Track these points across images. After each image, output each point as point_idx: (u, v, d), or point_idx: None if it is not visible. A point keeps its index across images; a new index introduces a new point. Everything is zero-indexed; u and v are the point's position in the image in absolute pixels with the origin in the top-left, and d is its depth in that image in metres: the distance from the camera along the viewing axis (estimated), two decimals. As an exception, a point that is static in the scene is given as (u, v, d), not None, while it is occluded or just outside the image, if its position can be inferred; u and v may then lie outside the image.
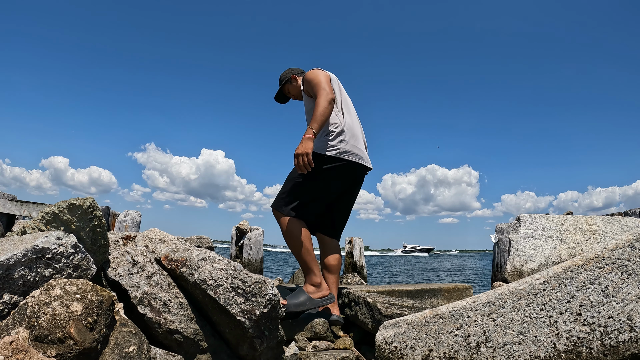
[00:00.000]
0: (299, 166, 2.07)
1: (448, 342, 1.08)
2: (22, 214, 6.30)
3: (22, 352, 0.97)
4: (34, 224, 1.38)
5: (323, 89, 2.22)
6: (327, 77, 2.31)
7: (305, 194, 2.24)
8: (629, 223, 2.22)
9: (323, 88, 2.23)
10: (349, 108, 2.43)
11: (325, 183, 2.24)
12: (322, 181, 2.23)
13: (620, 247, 0.96)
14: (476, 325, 1.05)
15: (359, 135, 2.37)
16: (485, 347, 1.02)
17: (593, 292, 0.96)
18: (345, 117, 2.34)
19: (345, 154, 2.23)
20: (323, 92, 2.20)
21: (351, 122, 2.35)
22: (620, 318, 0.91)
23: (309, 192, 2.24)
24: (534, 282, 1.02)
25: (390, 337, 1.17)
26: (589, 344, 0.92)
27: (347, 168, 2.25)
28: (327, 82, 2.26)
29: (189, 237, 3.06)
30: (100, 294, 1.18)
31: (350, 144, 2.26)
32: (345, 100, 2.43)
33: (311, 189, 2.24)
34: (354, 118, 2.41)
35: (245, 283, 1.47)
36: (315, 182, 2.22)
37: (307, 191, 2.24)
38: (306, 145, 2.06)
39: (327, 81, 2.27)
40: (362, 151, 2.32)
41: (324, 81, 2.26)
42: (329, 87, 2.23)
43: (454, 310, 1.10)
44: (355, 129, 2.35)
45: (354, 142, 2.28)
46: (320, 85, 2.26)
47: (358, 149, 2.29)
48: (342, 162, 2.23)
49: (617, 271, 0.95)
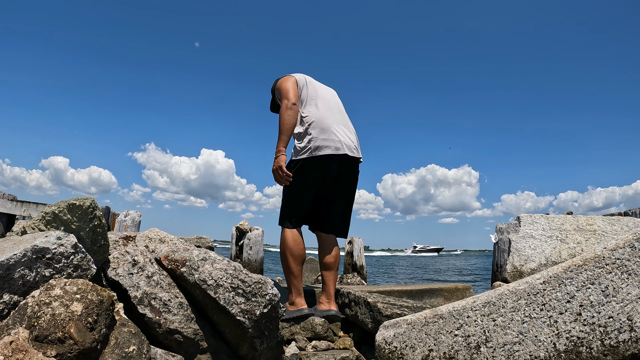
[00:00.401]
0: (279, 181, 2.29)
1: (448, 342, 1.08)
2: (22, 214, 6.30)
3: (22, 352, 0.97)
4: (34, 224, 1.38)
5: (284, 98, 2.33)
6: (291, 82, 2.39)
7: (292, 201, 2.35)
8: (629, 223, 2.22)
9: (284, 97, 2.33)
10: (321, 100, 2.42)
11: (303, 182, 2.30)
12: (301, 181, 2.29)
13: (620, 247, 0.96)
14: (476, 325, 1.05)
15: (331, 125, 2.34)
16: (485, 347, 1.02)
17: (593, 292, 0.96)
18: (312, 112, 2.34)
19: (317, 150, 2.26)
20: (283, 103, 2.31)
21: (320, 115, 2.34)
22: (620, 318, 0.91)
23: (294, 198, 2.34)
24: (534, 282, 1.02)
25: (390, 337, 1.17)
26: (589, 344, 0.92)
27: (318, 162, 2.27)
28: (290, 88, 2.34)
29: (189, 237, 3.06)
30: (100, 294, 1.18)
31: (320, 138, 2.27)
32: (315, 94, 2.43)
33: (295, 194, 2.34)
34: (325, 109, 2.39)
35: (245, 283, 1.47)
36: (296, 186, 2.30)
37: (293, 197, 2.35)
38: (277, 161, 2.25)
39: (290, 87, 2.35)
40: (337, 141, 2.30)
41: (285, 89, 2.35)
42: (291, 93, 2.32)
43: (454, 310, 1.10)
44: (324, 120, 2.33)
45: (324, 135, 2.28)
46: (282, 94, 2.36)
47: (330, 141, 2.28)
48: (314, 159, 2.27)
49: (617, 271, 0.95)
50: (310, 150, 2.27)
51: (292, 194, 2.35)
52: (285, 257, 2.29)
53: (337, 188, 2.39)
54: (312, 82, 2.50)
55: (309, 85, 2.46)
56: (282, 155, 2.26)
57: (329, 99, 2.47)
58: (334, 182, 2.36)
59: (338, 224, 2.45)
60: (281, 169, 2.23)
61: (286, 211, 2.36)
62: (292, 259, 2.27)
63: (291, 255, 2.27)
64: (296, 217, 2.33)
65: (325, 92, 2.50)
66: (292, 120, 2.27)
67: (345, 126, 2.42)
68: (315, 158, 2.27)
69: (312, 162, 2.27)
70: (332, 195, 2.40)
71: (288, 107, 2.28)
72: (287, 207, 2.36)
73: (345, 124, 2.44)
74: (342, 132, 2.36)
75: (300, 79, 2.46)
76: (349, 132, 2.41)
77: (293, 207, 2.34)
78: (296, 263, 2.28)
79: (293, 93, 2.33)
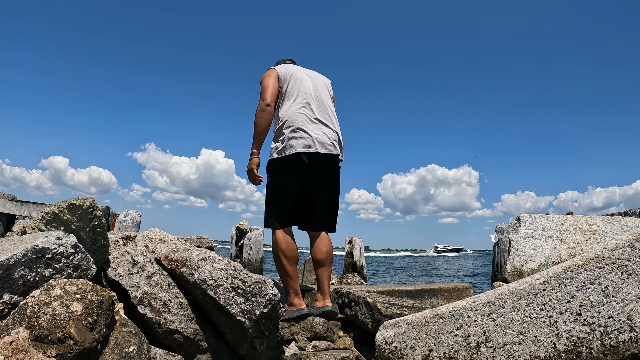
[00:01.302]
0: (253, 182, 2.37)
1: (448, 342, 1.08)
2: (22, 214, 6.30)
3: (22, 352, 0.97)
4: (34, 224, 1.38)
5: (261, 97, 2.33)
6: (272, 78, 2.37)
7: (274, 202, 2.34)
8: (629, 223, 2.22)
9: (261, 95, 2.33)
10: (301, 95, 2.37)
11: (281, 182, 2.32)
12: (279, 181, 2.32)
13: (620, 247, 0.96)
14: (476, 325, 1.05)
15: (303, 122, 2.29)
16: (485, 347, 1.02)
17: (593, 292, 0.96)
18: (286, 110, 2.32)
19: (288, 149, 2.25)
20: (260, 102, 2.31)
21: (293, 112, 2.31)
22: (620, 318, 0.91)
23: (276, 198, 2.34)
24: (534, 282, 1.02)
25: (390, 337, 1.17)
26: (589, 344, 0.92)
27: (291, 161, 2.26)
28: (269, 86, 2.33)
29: (189, 237, 3.06)
30: (100, 294, 1.18)
31: (291, 137, 2.26)
32: (296, 88, 2.38)
33: (275, 194, 2.34)
34: (301, 105, 2.34)
35: (245, 283, 1.47)
36: (275, 186, 2.34)
37: (274, 198, 2.34)
38: (249, 164, 2.33)
39: (270, 84, 2.33)
40: (308, 138, 2.26)
41: (264, 87, 2.34)
42: (268, 92, 2.31)
43: (454, 310, 1.10)
44: (297, 117, 2.30)
45: (296, 134, 2.26)
46: (261, 91, 2.35)
47: (301, 139, 2.25)
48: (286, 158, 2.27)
49: (617, 271, 0.95)
50: (283, 149, 2.28)
51: (272, 195, 2.35)
52: (279, 258, 2.27)
53: (316, 186, 2.36)
54: (296, 74, 2.43)
55: (292, 79, 2.40)
56: (254, 157, 2.31)
57: (309, 93, 2.40)
58: (312, 181, 2.33)
59: (325, 221, 2.43)
60: (253, 172, 2.31)
61: (270, 212, 2.35)
62: (285, 260, 2.26)
63: (284, 257, 2.26)
64: (281, 217, 2.31)
65: (307, 86, 2.42)
66: (264, 122, 2.28)
67: (323, 122, 2.36)
68: (287, 157, 2.27)
69: (285, 161, 2.28)
70: (313, 193, 2.37)
71: (261, 108, 2.28)
72: (269, 208, 2.36)
73: (325, 120, 2.38)
74: (315, 128, 2.31)
75: (283, 72, 2.41)
76: (325, 128, 2.35)
77: (275, 208, 2.33)
78: (290, 264, 2.26)
79: (270, 91, 2.31)
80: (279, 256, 2.28)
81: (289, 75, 2.41)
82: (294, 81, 2.41)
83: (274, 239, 2.31)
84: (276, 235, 2.30)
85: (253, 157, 2.31)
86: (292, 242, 2.30)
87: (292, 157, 2.26)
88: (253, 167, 2.30)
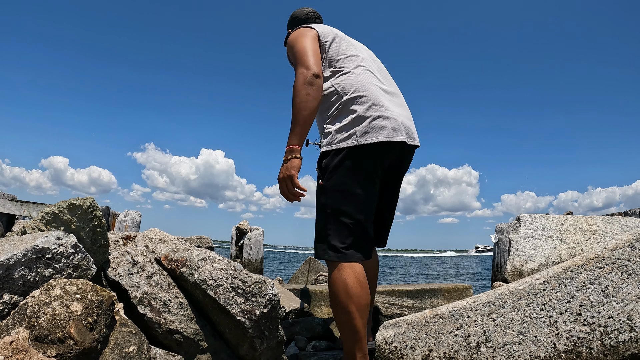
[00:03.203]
0: (287, 196, 1.47)
1: (448, 342, 1.08)
2: (22, 214, 6.30)
3: (22, 352, 0.97)
4: (34, 224, 1.38)
5: (300, 65, 1.52)
6: (310, 38, 1.60)
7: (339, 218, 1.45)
8: (629, 223, 2.22)
9: (299, 63, 1.53)
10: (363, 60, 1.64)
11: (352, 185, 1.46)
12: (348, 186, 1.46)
13: (620, 247, 0.96)
14: (476, 325, 1.05)
15: (382, 96, 1.53)
16: (485, 347, 1.02)
17: (593, 292, 0.96)
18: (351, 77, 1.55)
19: (368, 135, 1.45)
20: (299, 72, 1.51)
21: (365, 81, 1.54)
22: (620, 318, 0.91)
23: (342, 212, 1.45)
24: (534, 282, 1.02)
25: (390, 337, 1.17)
26: (589, 344, 0.92)
27: (370, 152, 1.46)
28: (308, 49, 1.55)
29: (189, 237, 3.06)
30: (100, 294, 1.18)
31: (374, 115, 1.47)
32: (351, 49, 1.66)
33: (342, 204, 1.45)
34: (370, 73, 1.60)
35: (245, 283, 1.47)
36: (341, 194, 1.46)
37: (341, 211, 1.45)
38: (287, 168, 1.44)
39: (309, 46, 1.56)
40: (394, 120, 1.49)
41: (301, 50, 1.56)
42: (310, 57, 1.52)
43: (454, 310, 1.10)
44: (372, 89, 1.53)
45: (376, 112, 1.47)
46: (297, 58, 1.56)
47: (386, 120, 1.47)
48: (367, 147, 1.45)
49: (617, 271, 0.95)
50: (356, 135, 1.45)
51: (336, 206, 1.46)
52: (347, 308, 1.37)
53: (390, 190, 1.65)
54: (338, 36, 1.69)
55: (340, 39, 1.67)
56: (295, 158, 1.44)
57: (368, 58, 1.68)
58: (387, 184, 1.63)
59: (386, 237, 1.73)
60: (292, 180, 1.44)
61: (330, 235, 1.45)
62: (356, 310, 1.36)
63: (355, 306, 1.36)
64: (358, 241, 1.44)
65: (361, 48, 1.72)
66: (312, 102, 1.45)
67: (398, 98, 1.63)
68: (370, 147, 1.45)
69: (361, 152, 1.45)
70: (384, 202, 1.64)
71: (306, 80, 1.47)
72: (328, 228, 1.46)
73: (397, 95, 1.65)
74: (395, 106, 1.55)
75: (324, 31, 1.66)
76: (402, 109, 1.60)
77: (343, 228, 1.44)
78: (362, 315, 1.37)
79: (313, 57, 1.53)
80: (346, 305, 1.37)
81: (333, 34, 1.67)
82: (346, 41, 1.68)
83: (338, 278, 1.40)
84: (344, 274, 1.39)
85: (293, 157, 1.44)
86: (366, 284, 1.40)
87: (377, 146, 1.46)
88: (293, 173, 1.43)
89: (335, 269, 1.42)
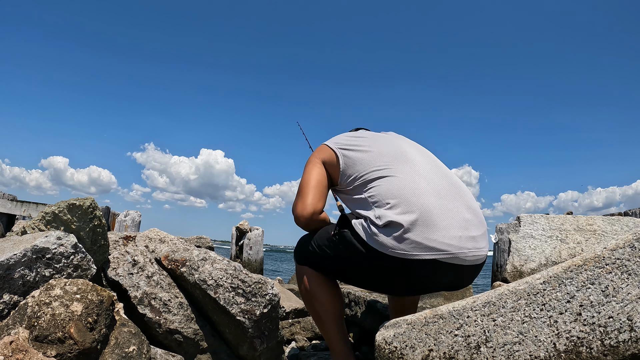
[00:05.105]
0: None
1: (448, 342, 1.07)
2: (22, 214, 6.30)
3: (22, 352, 0.97)
4: (34, 224, 1.38)
5: (297, 199, 1.38)
6: (317, 166, 1.40)
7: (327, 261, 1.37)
8: (629, 223, 2.22)
9: (299, 198, 1.37)
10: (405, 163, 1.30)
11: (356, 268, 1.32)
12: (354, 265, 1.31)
13: (620, 247, 0.96)
14: (476, 325, 1.05)
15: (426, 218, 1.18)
16: (485, 347, 1.02)
17: (593, 292, 0.96)
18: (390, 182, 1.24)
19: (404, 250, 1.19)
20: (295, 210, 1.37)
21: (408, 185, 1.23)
22: (620, 318, 0.91)
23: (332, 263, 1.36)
24: (534, 282, 1.02)
25: (390, 337, 1.17)
26: (589, 344, 0.92)
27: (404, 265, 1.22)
28: (311, 179, 1.37)
29: (189, 237, 3.06)
30: (100, 294, 1.18)
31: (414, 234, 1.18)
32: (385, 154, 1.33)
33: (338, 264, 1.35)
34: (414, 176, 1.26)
35: (245, 283, 1.47)
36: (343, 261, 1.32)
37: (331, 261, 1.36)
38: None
39: (314, 177, 1.37)
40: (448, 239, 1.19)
41: (305, 182, 1.37)
42: (309, 192, 1.35)
43: (454, 310, 1.10)
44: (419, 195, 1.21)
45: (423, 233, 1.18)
46: (300, 189, 1.39)
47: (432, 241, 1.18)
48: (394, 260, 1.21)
49: (617, 271, 0.95)
50: (390, 247, 1.18)
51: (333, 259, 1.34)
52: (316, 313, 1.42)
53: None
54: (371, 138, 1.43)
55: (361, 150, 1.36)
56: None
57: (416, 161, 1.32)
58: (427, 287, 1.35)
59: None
60: None
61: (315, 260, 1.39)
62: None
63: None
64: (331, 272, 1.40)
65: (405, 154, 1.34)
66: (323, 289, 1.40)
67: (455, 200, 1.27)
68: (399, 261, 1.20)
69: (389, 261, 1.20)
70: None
71: (303, 221, 1.36)
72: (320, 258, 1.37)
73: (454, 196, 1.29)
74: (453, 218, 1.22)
75: (337, 151, 1.38)
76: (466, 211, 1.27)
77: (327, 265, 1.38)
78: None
79: (315, 191, 1.35)
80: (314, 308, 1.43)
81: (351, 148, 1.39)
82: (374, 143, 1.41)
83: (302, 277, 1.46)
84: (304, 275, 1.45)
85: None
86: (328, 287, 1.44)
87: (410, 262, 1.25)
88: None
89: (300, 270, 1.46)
